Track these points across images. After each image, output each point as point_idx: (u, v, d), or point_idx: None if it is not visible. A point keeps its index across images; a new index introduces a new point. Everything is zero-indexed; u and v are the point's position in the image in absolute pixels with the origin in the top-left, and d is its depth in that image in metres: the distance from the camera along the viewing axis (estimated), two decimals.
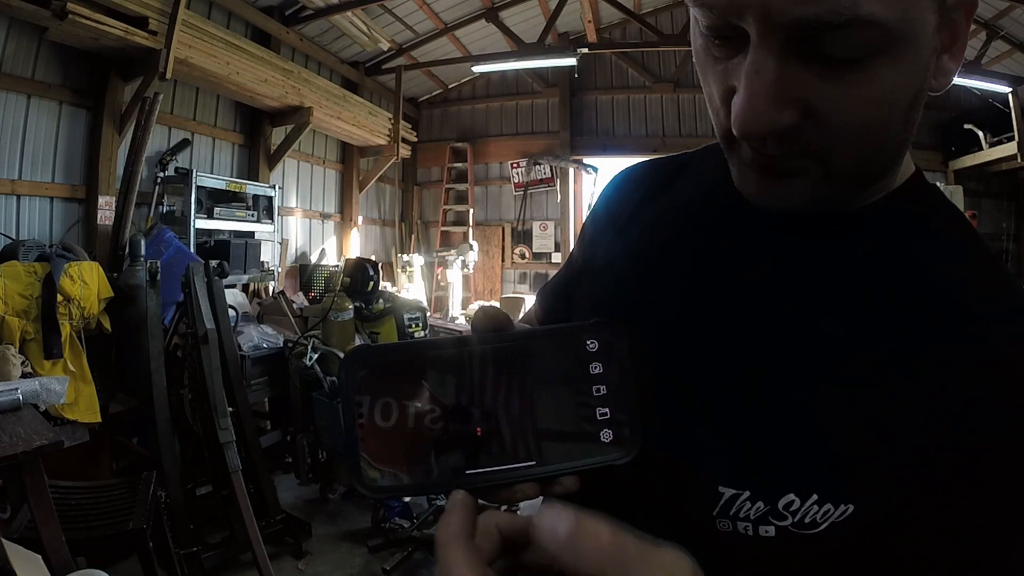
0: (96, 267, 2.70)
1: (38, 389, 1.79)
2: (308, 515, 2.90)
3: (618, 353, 0.35)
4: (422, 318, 3.84)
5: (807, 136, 0.37)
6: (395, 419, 0.33)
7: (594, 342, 0.35)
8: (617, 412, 0.34)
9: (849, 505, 0.39)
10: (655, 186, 0.59)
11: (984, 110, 5.90)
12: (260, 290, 4.81)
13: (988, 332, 0.39)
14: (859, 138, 0.37)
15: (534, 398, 0.34)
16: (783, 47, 0.34)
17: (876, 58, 0.34)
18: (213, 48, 3.88)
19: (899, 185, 0.46)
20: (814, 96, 0.36)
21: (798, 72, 0.35)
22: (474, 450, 0.33)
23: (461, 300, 7.01)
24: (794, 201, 0.41)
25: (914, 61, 0.36)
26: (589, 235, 0.63)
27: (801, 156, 0.39)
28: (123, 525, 1.73)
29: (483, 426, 0.34)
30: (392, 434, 0.33)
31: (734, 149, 0.42)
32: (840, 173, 0.39)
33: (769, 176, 0.41)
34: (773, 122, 0.36)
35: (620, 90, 7.25)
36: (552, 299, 0.68)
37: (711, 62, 0.40)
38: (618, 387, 0.35)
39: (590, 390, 0.35)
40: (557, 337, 0.36)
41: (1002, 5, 5.11)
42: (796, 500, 0.40)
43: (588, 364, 0.35)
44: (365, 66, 6.59)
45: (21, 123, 3.34)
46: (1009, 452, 0.37)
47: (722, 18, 0.36)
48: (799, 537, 0.40)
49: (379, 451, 0.33)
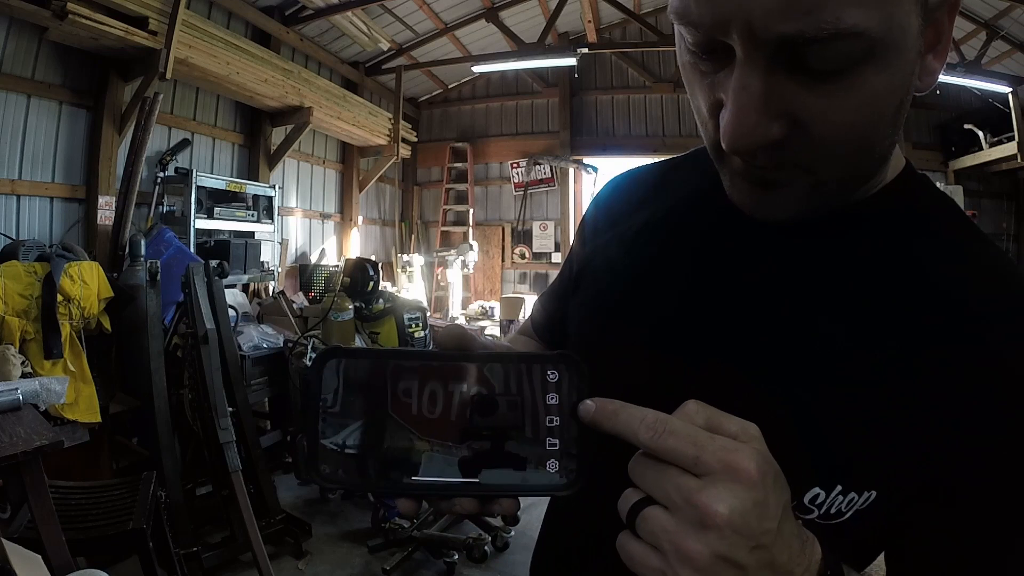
0: (96, 267, 2.69)
1: (38, 389, 1.79)
2: (308, 515, 2.89)
3: (577, 388, 0.35)
4: (422, 318, 3.84)
5: (796, 148, 0.37)
6: (352, 419, 0.35)
7: (555, 373, 0.36)
8: (566, 445, 0.35)
9: (872, 491, 0.40)
10: (649, 189, 0.59)
11: (984, 110, 5.90)
12: (260, 290, 4.81)
13: (988, 332, 0.39)
14: (848, 146, 0.38)
15: (487, 419, 0.35)
16: (769, 62, 0.34)
17: (862, 67, 0.34)
18: (213, 48, 3.88)
19: (892, 179, 0.46)
20: (801, 108, 0.36)
21: (784, 86, 0.35)
22: (420, 460, 0.35)
23: (461, 300, 7.02)
24: (786, 211, 0.42)
25: (900, 65, 0.36)
26: (583, 241, 0.63)
27: (790, 167, 0.39)
28: (123, 525, 1.73)
29: (433, 438, 0.35)
30: (348, 433, 0.35)
31: (724, 160, 0.42)
32: (830, 182, 0.40)
33: (759, 187, 0.41)
34: (761, 137, 0.36)
35: (620, 90, 7.24)
36: (549, 308, 0.68)
37: (698, 76, 0.40)
38: (571, 421, 0.35)
39: (543, 420, 0.35)
40: (520, 363, 0.36)
41: (1002, 5, 5.11)
42: (821, 493, 0.40)
43: (545, 394, 0.35)
44: (365, 66, 6.59)
45: (21, 123, 3.34)
46: (1009, 452, 0.37)
47: (707, 35, 0.36)
48: (824, 527, 0.40)
49: (336, 447, 0.35)
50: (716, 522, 0.28)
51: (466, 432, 0.35)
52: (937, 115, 6.36)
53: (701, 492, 0.29)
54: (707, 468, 0.29)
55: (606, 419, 0.33)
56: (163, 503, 2.03)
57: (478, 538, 2.63)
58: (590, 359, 0.54)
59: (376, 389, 0.36)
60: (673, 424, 0.31)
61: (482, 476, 0.35)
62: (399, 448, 0.35)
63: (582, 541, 0.54)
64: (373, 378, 0.36)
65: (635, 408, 0.33)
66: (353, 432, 0.35)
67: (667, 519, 0.30)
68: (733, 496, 0.28)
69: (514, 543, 2.72)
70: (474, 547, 2.61)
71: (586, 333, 0.56)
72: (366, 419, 0.35)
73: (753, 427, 0.32)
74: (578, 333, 0.57)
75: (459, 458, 0.35)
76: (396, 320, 3.69)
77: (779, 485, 0.31)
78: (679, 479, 0.30)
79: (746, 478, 0.29)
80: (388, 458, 0.35)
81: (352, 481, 0.36)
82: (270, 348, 3.36)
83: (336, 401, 0.35)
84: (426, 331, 3.83)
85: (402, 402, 0.35)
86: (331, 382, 0.36)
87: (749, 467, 0.29)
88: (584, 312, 0.57)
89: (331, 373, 0.36)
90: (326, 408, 0.35)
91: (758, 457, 0.30)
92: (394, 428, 0.35)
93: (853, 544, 0.43)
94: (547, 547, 0.61)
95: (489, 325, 6.22)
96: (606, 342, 0.52)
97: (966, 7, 5.41)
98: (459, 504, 0.36)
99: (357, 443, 0.35)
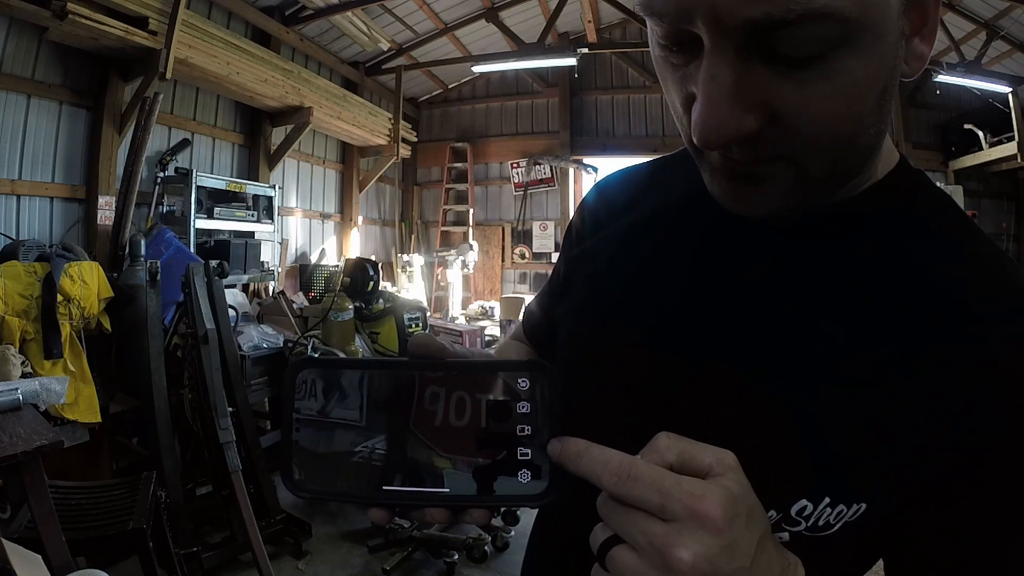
0: (96, 267, 2.69)
1: (38, 389, 1.79)
2: (308, 515, 2.89)
3: (548, 397, 0.35)
4: (422, 318, 3.84)
5: (773, 140, 0.36)
6: (328, 429, 0.36)
7: (526, 381, 0.35)
8: (537, 455, 0.34)
9: (862, 504, 0.39)
10: (639, 190, 0.58)
11: (984, 110, 5.90)
12: (260, 290, 4.81)
13: (988, 332, 0.38)
14: (829, 137, 0.36)
15: (458, 428, 0.35)
16: (738, 50, 0.33)
17: (838, 51, 0.32)
18: (213, 48, 3.88)
19: (885, 175, 0.46)
20: (776, 98, 0.34)
21: (757, 74, 0.33)
22: (393, 469, 0.35)
23: (461, 300, 7.01)
24: (768, 207, 0.40)
25: (880, 49, 0.34)
26: (572, 245, 0.62)
27: (770, 160, 0.37)
28: (123, 525, 1.73)
29: (406, 448, 0.35)
30: (323, 442, 0.36)
31: (703, 156, 0.41)
32: (814, 176, 0.38)
33: (739, 183, 0.39)
34: (734, 129, 0.34)
35: (620, 90, 7.25)
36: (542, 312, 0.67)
37: (670, 71, 0.38)
38: (542, 431, 0.35)
39: (514, 429, 0.35)
40: (491, 371, 0.36)
41: (1002, 5, 5.11)
42: (809, 505, 0.40)
43: (517, 402, 0.35)
44: (365, 66, 6.59)
45: (21, 123, 3.34)
46: (1009, 452, 0.37)
47: (674, 25, 0.35)
48: (812, 539, 0.40)
49: (309, 456, 0.36)
50: (681, 568, 0.28)
51: (437, 441, 0.35)
52: (937, 115, 6.36)
53: (666, 538, 0.28)
54: (673, 515, 0.29)
55: (570, 461, 0.33)
56: (163, 503, 2.03)
57: (478, 538, 2.63)
58: (587, 360, 0.54)
59: (347, 400, 0.36)
60: (638, 469, 0.30)
61: (453, 486, 0.35)
62: (370, 458, 0.35)
63: (570, 545, 0.53)
64: (344, 388, 0.36)
65: (599, 451, 0.32)
66: (325, 442, 0.36)
67: (634, 560, 0.30)
68: (698, 543, 0.28)
69: (514, 543, 2.72)
70: (474, 547, 2.61)
71: (581, 334, 0.55)
72: (337, 429, 0.36)
73: (729, 456, 0.31)
74: (571, 335, 0.56)
75: (430, 468, 0.35)
76: (396, 320, 3.69)
77: (752, 521, 0.30)
78: (644, 523, 0.29)
79: (712, 524, 0.28)
80: (359, 468, 0.35)
81: (323, 491, 0.36)
82: (270, 348, 3.36)
83: (309, 411, 0.36)
84: (426, 331, 3.83)
85: (373, 412, 0.36)
86: (304, 393, 0.36)
87: (715, 514, 0.28)
88: (578, 314, 0.56)
89: (303, 383, 0.36)
90: (299, 418, 0.36)
91: (726, 499, 0.29)
92: (366, 438, 0.35)
93: (845, 556, 0.43)
94: (537, 550, 0.61)
95: (489, 325, 6.22)
96: (605, 342, 0.52)
97: (966, 7, 5.41)
98: (429, 514, 0.36)
99: (328, 453, 0.36)
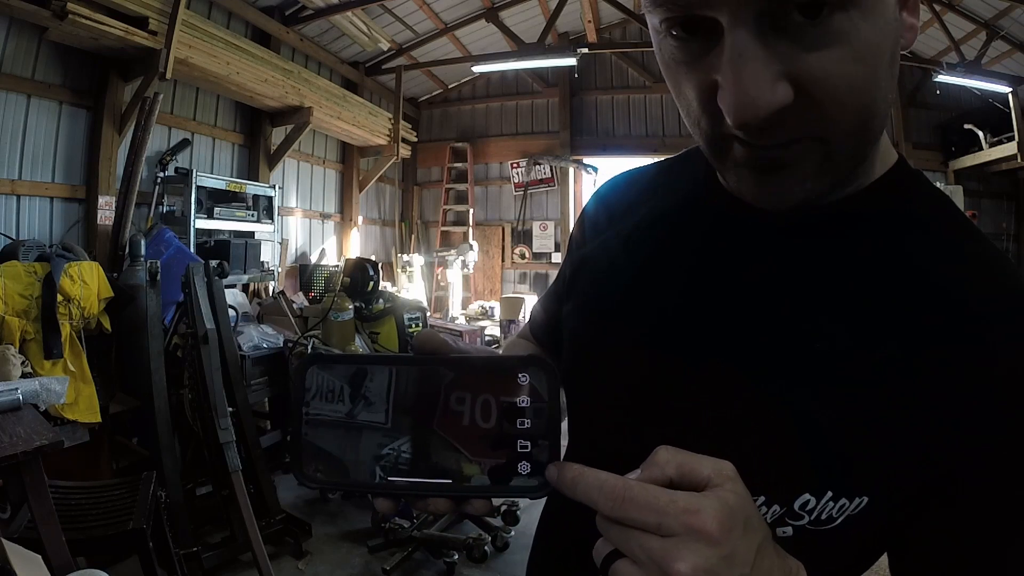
0: (96, 267, 2.69)
1: (38, 389, 1.79)
2: (308, 515, 2.89)
3: (547, 391, 0.36)
4: (422, 318, 3.84)
5: (803, 114, 0.36)
6: (335, 422, 0.37)
7: (525, 376, 0.36)
8: (536, 448, 0.36)
9: (864, 497, 0.40)
10: (642, 192, 0.58)
11: (984, 110, 5.90)
12: (260, 290, 4.81)
13: (988, 332, 0.39)
14: (852, 104, 0.36)
15: (461, 421, 0.36)
16: (760, 25, 0.33)
17: (849, 12, 0.33)
18: (213, 48, 3.88)
19: (883, 174, 0.46)
20: (799, 67, 0.34)
21: (777, 46, 0.34)
22: (398, 461, 0.37)
23: (461, 300, 7.01)
24: (796, 197, 0.40)
25: (883, 10, 0.35)
26: (576, 246, 0.62)
27: (799, 141, 0.37)
28: (123, 525, 1.73)
29: (410, 440, 0.37)
30: (331, 435, 0.37)
31: (724, 154, 0.40)
32: (837, 152, 0.38)
33: (767, 173, 0.39)
34: (769, 102, 0.34)
35: (620, 90, 7.25)
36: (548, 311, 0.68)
37: (682, 69, 0.38)
38: (541, 424, 0.36)
39: (515, 422, 0.36)
40: (492, 366, 0.37)
41: (1002, 5, 5.11)
42: (812, 499, 0.40)
43: (517, 397, 0.36)
44: (365, 66, 6.59)
45: (21, 123, 3.33)
46: (1009, 452, 0.37)
47: (689, 11, 0.35)
48: (816, 534, 0.41)
49: (317, 448, 0.37)
50: None
51: (440, 434, 0.36)
52: (937, 115, 6.36)
53: (665, 552, 0.29)
54: (670, 531, 0.29)
55: (567, 488, 0.33)
56: (163, 503, 2.03)
57: (478, 538, 2.63)
58: (588, 360, 0.54)
59: (352, 393, 0.37)
60: (632, 491, 0.31)
61: (455, 477, 0.36)
62: (374, 449, 0.37)
63: (576, 542, 0.53)
64: (350, 382, 0.37)
65: (593, 476, 0.32)
66: (333, 435, 0.37)
67: (636, 573, 0.30)
68: (696, 555, 0.29)
69: (514, 543, 2.72)
70: (474, 547, 2.60)
71: (583, 335, 0.55)
72: (344, 421, 0.37)
73: (727, 467, 0.32)
74: (574, 335, 0.57)
75: (433, 459, 0.36)
76: (396, 320, 3.69)
77: (750, 529, 0.31)
78: (642, 539, 0.30)
79: (708, 538, 0.29)
80: (364, 458, 0.37)
81: (329, 480, 0.37)
82: (270, 348, 3.36)
83: (317, 404, 0.37)
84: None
85: (376, 405, 0.37)
86: (312, 386, 0.38)
87: (711, 527, 0.29)
88: (581, 314, 0.56)
89: (312, 378, 0.38)
90: (308, 411, 0.37)
91: (722, 511, 0.30)
92: (370, 430, 0.37)
93: (849, 549, 0.43)
94: (542, 548, 0.61)
95: (489, 325, 6.22)
96: (606, 343, 0.52)
97: (966, 7, 5.41)
98: (432, 504, 0.37)
99: (335, 444, 0.37)
